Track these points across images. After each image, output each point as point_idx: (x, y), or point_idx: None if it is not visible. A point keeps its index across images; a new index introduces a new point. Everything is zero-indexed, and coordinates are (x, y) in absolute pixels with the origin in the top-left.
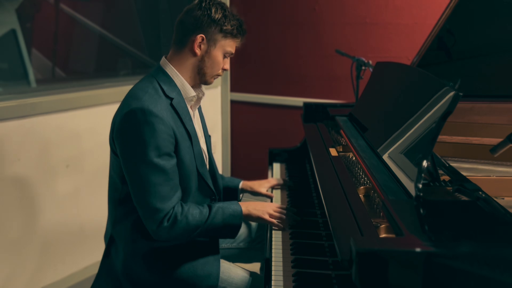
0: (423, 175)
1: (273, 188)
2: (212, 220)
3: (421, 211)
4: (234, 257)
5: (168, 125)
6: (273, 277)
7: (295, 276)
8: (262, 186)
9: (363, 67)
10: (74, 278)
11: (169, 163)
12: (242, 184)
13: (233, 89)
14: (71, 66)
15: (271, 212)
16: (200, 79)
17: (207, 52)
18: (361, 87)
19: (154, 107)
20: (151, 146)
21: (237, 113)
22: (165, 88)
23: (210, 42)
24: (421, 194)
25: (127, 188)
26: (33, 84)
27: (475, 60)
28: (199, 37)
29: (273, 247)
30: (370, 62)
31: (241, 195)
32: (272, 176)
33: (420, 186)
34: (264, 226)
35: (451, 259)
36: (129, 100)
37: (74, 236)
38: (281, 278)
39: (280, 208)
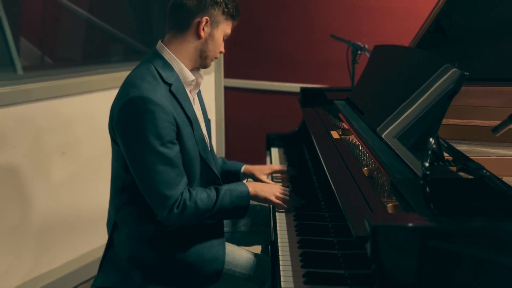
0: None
1: (273, 176)
2: (221, 203)
3: (431, 189)
4: (236, 240)
5: (169, 112)
6: (280, 257)
7: (302, 256)
8: (263, 172)
9: (359, 52)
10: (72, 265)
11: (173, 151)
12: (244, 168)
13: (227, 75)
14: (60, 53)
15: (278, 194)
16: (201, 62)
17: (210, 35)
18: (357, 72)
19: (153, 95)
20: (153, 135)
21: (231, 99)
22: (163, 73)
23: (214, 24)
24: (428, 172)
25: (131, 176)
26: (20, 71)
27: (469, 43)
28: (204, 20)
29: (278, 228)
30: (366, 46)
31: (245, 180)
32: (271, 161)
33: (427, 164)
34: (265, 210)
35: (463, 235)
36: (127, 89)
37: (71, 223)
38: (289, 258)
39: (285, 190)
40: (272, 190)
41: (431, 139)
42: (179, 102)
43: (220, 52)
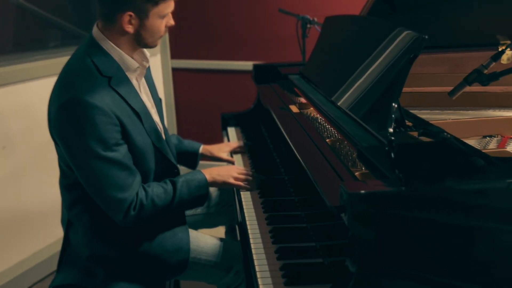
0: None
1: (232, 152)
2: (179, 196)
3: (398, 154)
4: (198, 223)
5: (110, 114)
6: (250, 235)
7: (272, 233)
8: (221, 150)
9: (309, 25)
10: (23, 265)
11: (119, 153)
12: (202, 149)
13: (174, 56)
14: None
15: (236, 175)
16: (143, 47)
17: (140, 25)
18: (308, 46)
19: (90, 96)
20: (95, 140)
21: (180, 81)
22: (100, 66)
23: (141, 15)
24: (393, 138)
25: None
26: None
27: (416, 12)
28: (127, 16)
29: (244, 207)
30: (316, 19)
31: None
32: (228, 140)
33: (391, 130)
34: (226, 190)
35: (439, 196)
36: (62, 87)
37: (18, 221)
38: (259, 236)
39: (244, 170)
40: (230, 172)
41: (394, 104)
42: (122, 96)
43: (168, 26)
